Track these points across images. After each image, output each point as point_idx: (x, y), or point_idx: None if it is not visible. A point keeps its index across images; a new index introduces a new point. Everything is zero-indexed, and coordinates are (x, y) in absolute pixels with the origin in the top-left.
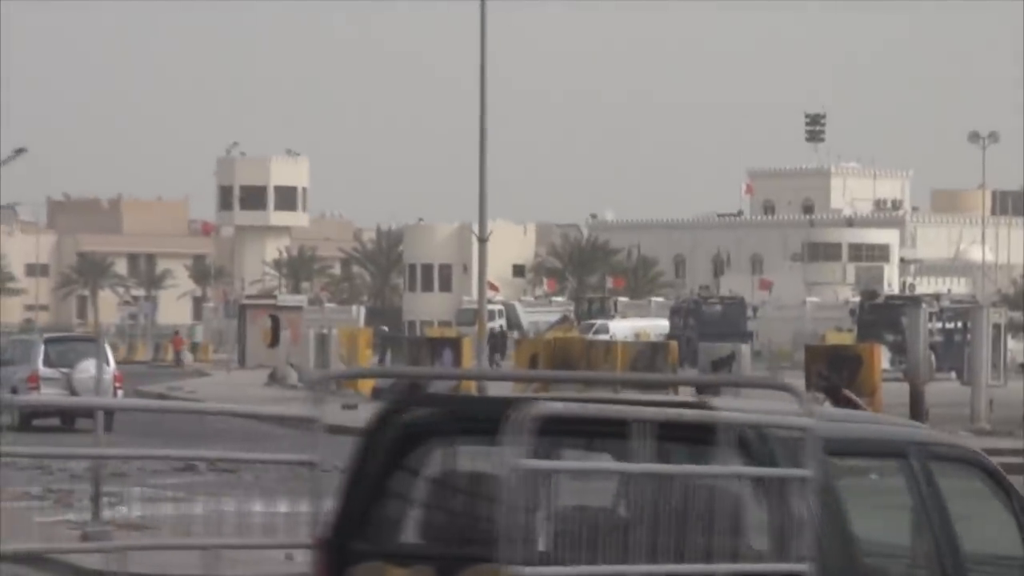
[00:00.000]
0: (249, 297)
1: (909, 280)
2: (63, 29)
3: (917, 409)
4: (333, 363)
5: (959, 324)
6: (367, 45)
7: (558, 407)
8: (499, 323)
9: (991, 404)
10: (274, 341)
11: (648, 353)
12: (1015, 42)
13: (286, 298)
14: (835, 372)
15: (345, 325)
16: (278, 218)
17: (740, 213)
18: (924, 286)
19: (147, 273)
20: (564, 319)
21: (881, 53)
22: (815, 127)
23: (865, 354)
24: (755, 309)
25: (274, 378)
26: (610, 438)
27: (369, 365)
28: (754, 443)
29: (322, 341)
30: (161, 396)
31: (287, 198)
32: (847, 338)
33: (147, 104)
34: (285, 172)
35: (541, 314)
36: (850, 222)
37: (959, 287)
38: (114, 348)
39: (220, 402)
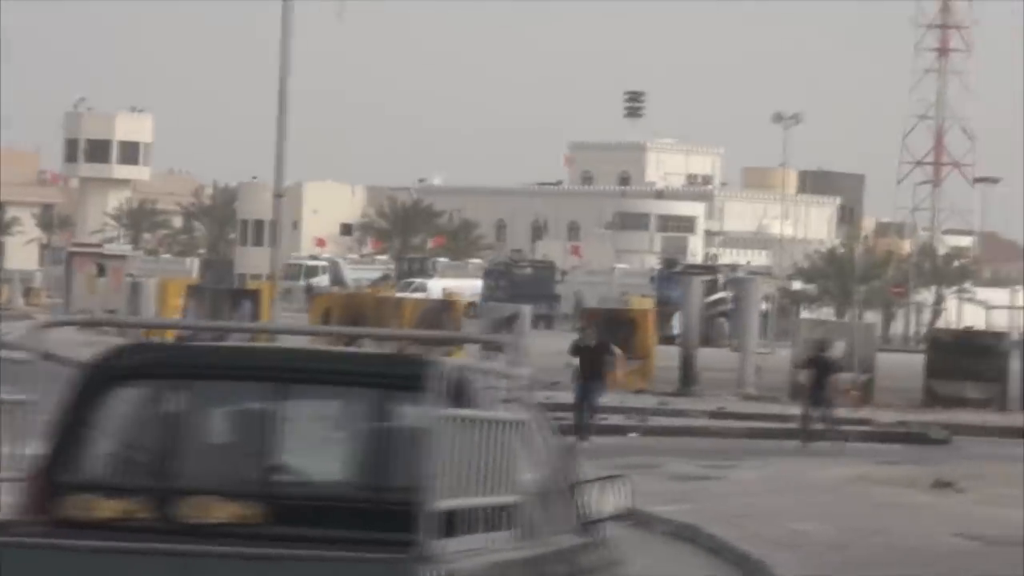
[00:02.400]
0: (77, 245)
1: (713, 251)
2: None
3: (688, 373)
4: (144, 311)
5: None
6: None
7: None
8: (323, 278)
9: (758, 370)
10: (91, 287)
11: (435, 310)
12: (825, 25)
13: (112, 247)
14: (611, 334)
15: (179, 276)
16: (121, 171)
17: (560, 182)
18: (728, 258)
19: None
20: (385, 277)
21: (701, 33)
22: (635, 103)
23: (639, 318)
24: (564, 273)
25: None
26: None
27: (178, 314)
28: (471, 391)
29: (136, 289)
30: None
31: (131, 153)
32: (648, 303)
33: (5, 58)
34: (129, 128)
35: (364, 272)
36: (659, 195)
37: (761, 259)
38: None
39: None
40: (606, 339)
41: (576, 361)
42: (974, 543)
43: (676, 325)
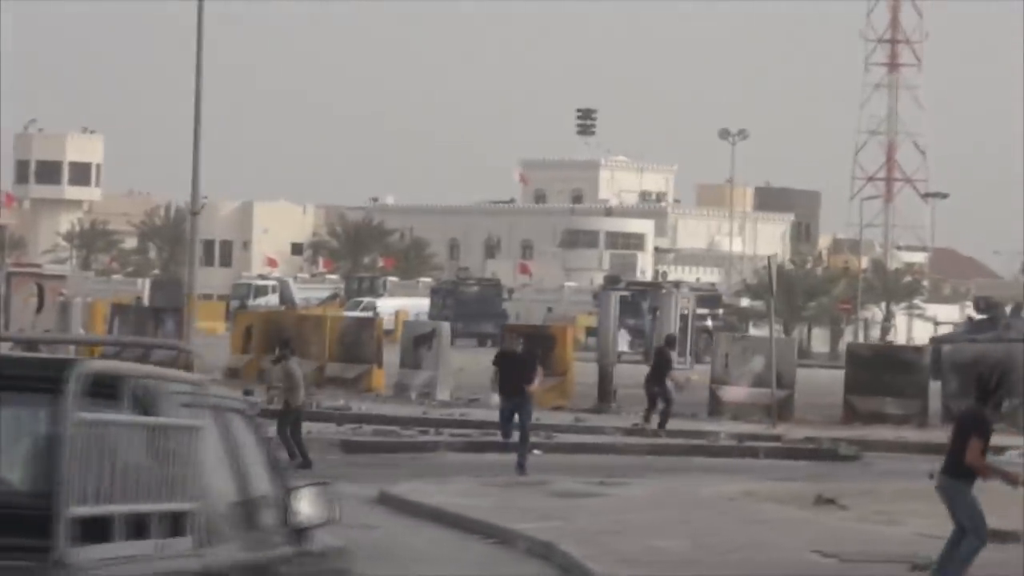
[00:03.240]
0: (16, 265)
1: (663, 268)
2: None
3: (604, 388)
4: (73, 330)
5: (697, 310)
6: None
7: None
8: (272, 298)
9: (677, 387)
10: (40, 308)
11: (355, 328)
12: (777, 40)
13: (51, 267)
14: (531, 348)
15: (129, 296)
16: (72, 192)
17: (512, 200)
18: (680, 274)
19: None
20: (334, 296)
21: (652, 50)
22: (586, 121)
23: (558, 334)
24: (511, 291)
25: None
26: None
27: (102, 333)
28: (150, 396)
29: (64, 309)
30: None
31: (82, 173)
32: (593, 320)
33: None
34: (81, 148)
35: (314, 291)
36: (609, 212)
37: (713, 276)
38: None
39: None
40: (532, 350)
41: (496, 373)
42: (829, 560)
43: (624, 343)
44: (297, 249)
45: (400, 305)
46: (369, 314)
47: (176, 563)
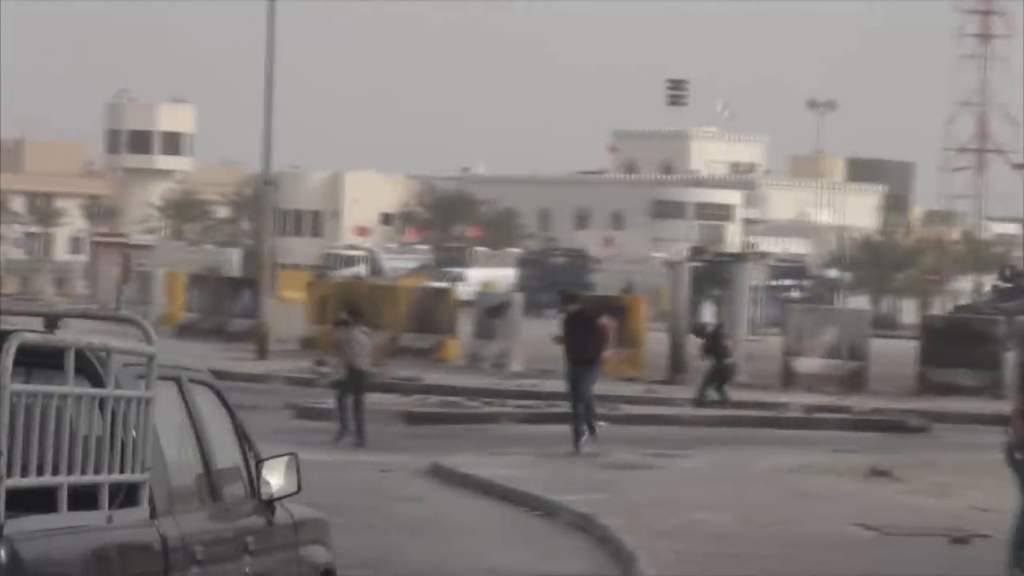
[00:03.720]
0: (100, 234)
1: (751, 239)
2: None
3: (677, 361)
4: (155, 300)
5: (785, 281)
6: None
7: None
8: (360, 268)
9: (749, 358)
10: (125, 278)
11: (428, 298)
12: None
13: (137, 236)
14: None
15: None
16: (163, 162)
17: (603, 171)
18: (769, 246)
19: (43, 211)
20: (423, 266)
21: (743, 20)
22: (677, 92)
23: (631, 305)
24: (598, 262)
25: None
26: None
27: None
28: (99, 367)
29: (145, 279)
30: None
31: (173, 143)
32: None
33: (57, 51)
34: (171, 118)
35: (403, 261)
36: (697, 182)
37: (801, 247)
38: None
39: None
40: (597, 310)
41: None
42: (869, 533)
43: (707, 314)
44: (387, 219)
45: (488, 275)
46: (458, 284)
47: (127, 533)
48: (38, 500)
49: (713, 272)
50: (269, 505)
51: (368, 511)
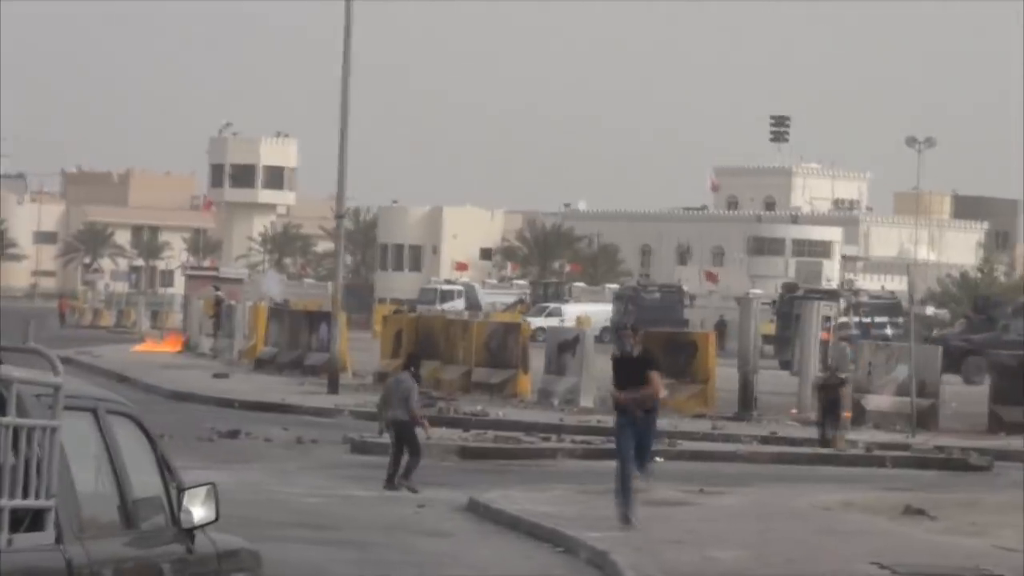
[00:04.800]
0: (193, 268)
1: (849, 276)
2: (79, 16)
3: (746, 397)
4: (237, 333)
5: (875, 319)
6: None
7: None
8: (457, 303)
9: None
10: (212, 311)
11: (500, 333)
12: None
13: (227, 270)
14: (672, 358)
15: (318, 300)
16: (266, 196)
17: (704, 207)
18: (869, 283)
19: (148, 244)
20: (519, 301)
21: (849, 56)
22: (780, 128)
23: (700, 340)
24: (693, 298)
25: (187, 346)
26: None
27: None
28: (8, 397)
29: (229, 312)
30: (66, 360)
31: (275, 177)
32: (771, 328)
33: (166, 84)
34: (274, 152)
35: (500, 296)
36: (795, 219)
37: (900, 284)
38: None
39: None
40: (651, 351)
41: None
42: (884, 572)
43: (797, 351)
44: (485, 254)
45: (584, 311)
46: (554, 320)
47: (30, 556)
48: None
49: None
50: (189, 534)
51: (388, 546)
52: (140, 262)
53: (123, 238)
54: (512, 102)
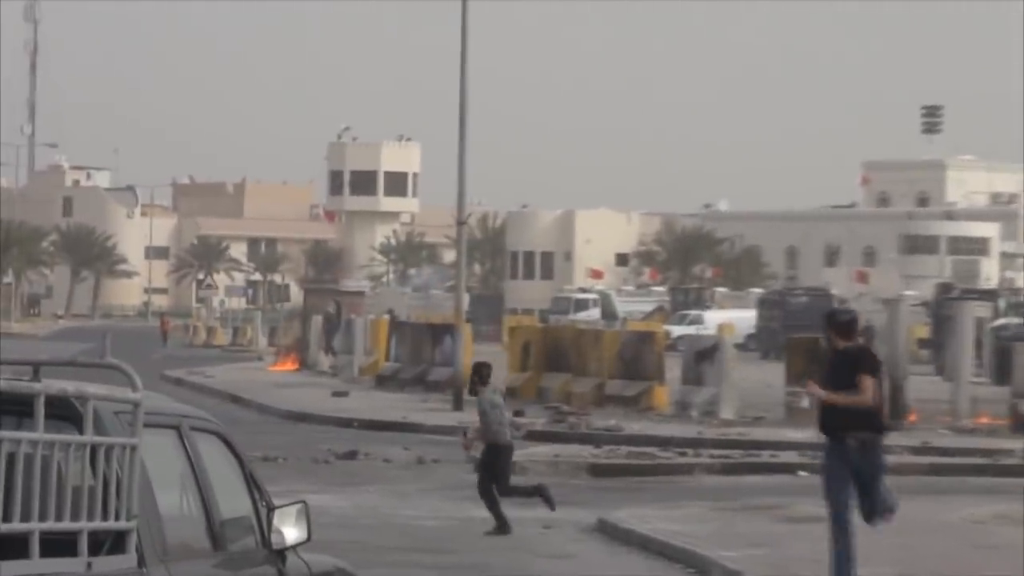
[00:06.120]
0: (311, 282)
1: (1009, 274)
2: (185, 19)
3: (897, 404)
4: (357, 349)
5: None
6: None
7: None
8: (593, 312)
9: (973, 402)
10: (337, 325)
11: (635, 343)
12: None
13: (348, 283)
14: (817, 364)
15: (446, 312)
16: (388, 204)
17: (854, 204)
18: None
19: (265, 257)
20: (659, 309)
21: (1005, 40)
22: (932, 118)
23: None
24: (843, 301)
25: (305, 363)
26: None
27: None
28: (84, 414)
29: (348, 327)
30: (177, 381)
31: (398, 184)
32: (926, 331)
33: (279, 90)
34: (396, 157)
35: (637, 304)
36: (949, 215)
37: None
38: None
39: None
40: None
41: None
42: None
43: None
44: (621, 259)
45: (727, 317)
46: (696, 328)
47: None
48: (14, 548)
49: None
50: (280, 555)
51: (509, 570)
52: (257, 276)
53: (238, 251)
54: (646, 98)
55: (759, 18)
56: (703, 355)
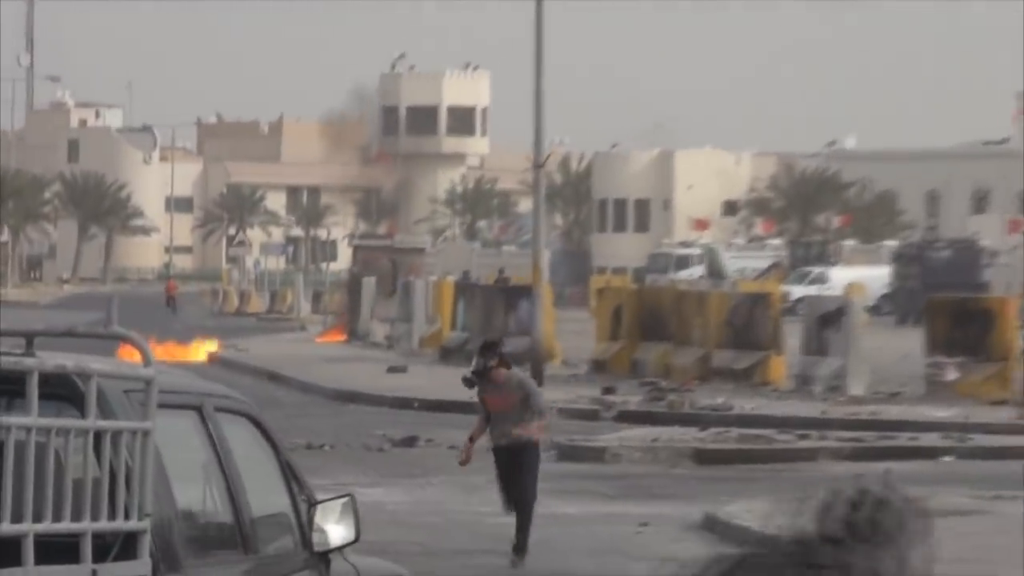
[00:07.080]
0: (362, 237)
1: None
2: None
3: None
4: (417, 316)
5: None
6: None
7: None
8: (696, 269)
9: None
10: (392, 288)
11: (746, 307)
12: None
13: (405, 239)
14: (961, 330)
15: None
16: (451, 144)
17: (1006, 140)
18: None
19: (308, 210)
20: (775, 266)
21: None
22: None
23: (997, 308)
24: (994, 255)
25: (355, 334)
26: None
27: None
28: (86, 393)
29: (406, 291)
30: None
31: (463, 121)
32: None
33: (323, 10)
34: (461, 90)
35: (750, 260)
36: None
37: None
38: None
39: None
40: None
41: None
42: None
43: None
44: (730, 208)
45: (857, 275)
46: (819, 288)
47: None
48: (6, 554)
49: None
50: (323, 558)
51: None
52: (298, 231)
53: (276, 202)
54: (756, 19)
55: None
56: (827, 320)
